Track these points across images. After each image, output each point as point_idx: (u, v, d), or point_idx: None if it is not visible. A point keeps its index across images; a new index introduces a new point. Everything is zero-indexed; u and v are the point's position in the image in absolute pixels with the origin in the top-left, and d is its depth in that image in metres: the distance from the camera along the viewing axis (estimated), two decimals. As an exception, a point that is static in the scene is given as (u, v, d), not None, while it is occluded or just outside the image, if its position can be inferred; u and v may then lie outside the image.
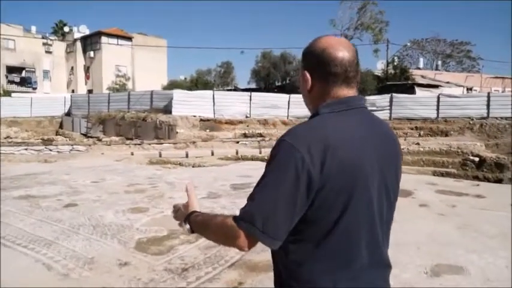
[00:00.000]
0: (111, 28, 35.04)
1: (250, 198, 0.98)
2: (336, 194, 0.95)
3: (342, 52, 1.04)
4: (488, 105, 20.56)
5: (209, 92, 22.46)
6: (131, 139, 18.89)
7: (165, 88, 29.72)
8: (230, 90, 29.73)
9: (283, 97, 22.79)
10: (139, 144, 14.46)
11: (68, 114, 24.99)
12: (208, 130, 20.40)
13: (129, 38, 35.27)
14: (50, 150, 13.42)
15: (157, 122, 20.02)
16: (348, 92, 1.06)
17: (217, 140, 16.45)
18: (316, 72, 1.06)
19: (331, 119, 1.01)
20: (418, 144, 11.46)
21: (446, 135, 19.81)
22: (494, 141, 17.08)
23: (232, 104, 21.93)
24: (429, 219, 5.56)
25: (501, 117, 19.94)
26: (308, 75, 1.07)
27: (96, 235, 4.52)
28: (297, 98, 22.83)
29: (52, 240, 4.28)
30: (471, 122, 20.20)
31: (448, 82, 29.57)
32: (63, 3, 65.13)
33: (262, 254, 4.11)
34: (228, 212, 5.60)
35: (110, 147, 13.87)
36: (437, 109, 21.42)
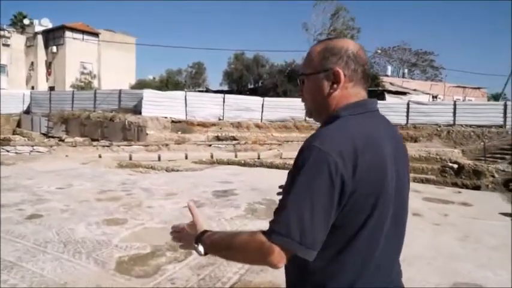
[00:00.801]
0: (76, 23, 33.28)
1: (283, 208, 0.91)
2: (365, 197, 0.93)
3: (366, 55, 1.09)
4: (454, 113, 21.24)
5: (181, 93, 21.74)
6: (97, 140, 17.85)
7: (133, 87, 28.62)
8: (202, 91, 29.05)
9: (257, 100, 22.46)
10: (107, 146, 13.55)
11: (27, 112, 23.37)
12: (180, 132, 19.70)
13: (96, 34, 33.62)
14: (7, 151, 12.24)
15: (126, 122, 19.08)
16: (364, 94, 1.07)
17: (191, 142, 15.81)
18: (350, 71, 1.04)
19: (352, 121, 0.99)
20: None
21: (416, 141, 20.27)
22: (461, 148, 17.64)
23: (205, 106, 21.35)
24: (427, 230, 5.34)
25: (466, 125, 20.68)
26: (342, 74, 1.03)
27: (67, 254, 3.88)
28: (271, 102, 22.61)
29: (14, 262, 3.60)
30: (439, 129, 20.81)
31: (415, 89, 30.47)
32: (23, -6, 61.31)
33: (262, 274, 3.67)
34: (216, 224, 5.13)
35: (76, 148, 12.87)
36: (407, 115, 21.93)
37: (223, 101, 21.84)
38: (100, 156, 12.45)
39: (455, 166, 10.11)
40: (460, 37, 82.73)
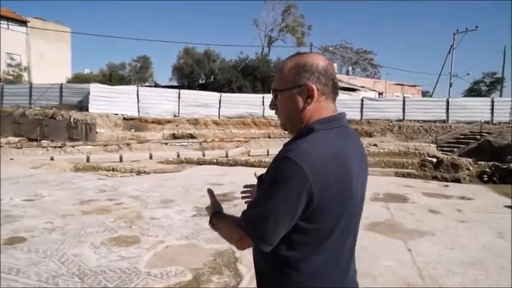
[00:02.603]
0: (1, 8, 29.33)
1: (253, 208, 1.05)
2: (333, 207, 1.03)
3: (334, 69, 1.15)
4: (403, 109, 22.30)
5: (132, 88, 20.08)
6: (36, 140, 15.77)
7: (70, 82, 25.96)
8: (150, 86, 27.30)
9: (214, 96, 21.55)
10: (59, 147, 11.83)
11: None
12: (133, 130, 18.19)
13: (24, 22, 29.97)
14: None
15: (71, 120, 17.07)
16: (334, 106, 1.13)
17: (154, 141, 14.54)
18: (322, 86, 1.09)
19: (325, 136, 1.05)
20: (376, 145, 11.46)
21: (371, 136, 20.93)
22: (412, 142, 18.52)
23: (159, 102, 19.96)
24: (460, 229, 5.12)
25: (414, 120, 21.87)
26: (315, 89, 1.08)
27: (91, 291, 2.92)
28: (228, 97, 21.84)
29: (25, 312, 2.59)
30: (391, 124, 21.72)
31: (362, 86, 31.66)
32: None
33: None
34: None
35: (21, 150, 11.03)
36: (361, 111, 22.55)
37: (179, 97, 20.60)
38: (52, 159, 10.82)
39: (434, 160, 10.33)
40: (394, 37, 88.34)
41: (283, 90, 1.11)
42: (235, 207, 5.83)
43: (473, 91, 35.01)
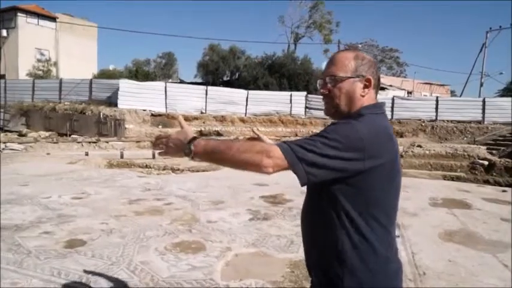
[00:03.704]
0: (30, 5, 29.80)
1: (309, 144, 1.07)
2: (381, 175, 1.12)
3: None
4: (436, 109, 21.43)
5: (160, 84, 19.94)
6: (65, 135, 15.81)
7: (96, 78, 26.12)
8: (175, 83, 27.21)
9: (241, 93, 21.24)
10: (94, 143, 11.72)
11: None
12: (160, 126, 18.10)
13: (53, 18, 30.36)
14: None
15: (101, 115, 17.06)
16: (376, 97, 1.28)
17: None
18: (374, 78, 1.24)
19: (374, 119, 1.18)
20: (420, 146, 10.88)
21: (402, 136, 20.21)
22: (446, 143, 17.73)
23: (186, 98, 19.79)
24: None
25: (448, 120, 20.98)
26: (373, 81, 1.23)
27: (172, 307, 2.60)
28: (256, 95, 21.48)
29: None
30: (423, 124, 20.91)
31: (391, 85, 30.81)
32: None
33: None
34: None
35: (57, 145, 10.96)
36: (392, 111, 21.80)
37: (206, 94, 20.37)
38: (87, 154, 10.69)
39: (486, 163, 9.70)
40: (420, 35, 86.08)
41: (345, 78, 1.21)
42: (291, 211, 5.46)
43: (509, 91, 33.51)
